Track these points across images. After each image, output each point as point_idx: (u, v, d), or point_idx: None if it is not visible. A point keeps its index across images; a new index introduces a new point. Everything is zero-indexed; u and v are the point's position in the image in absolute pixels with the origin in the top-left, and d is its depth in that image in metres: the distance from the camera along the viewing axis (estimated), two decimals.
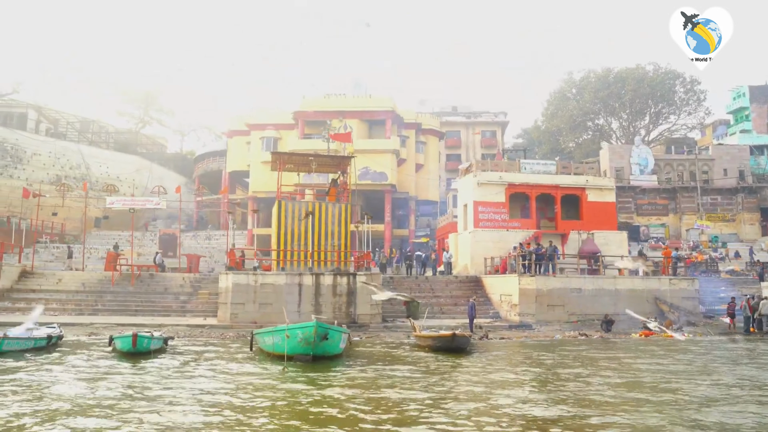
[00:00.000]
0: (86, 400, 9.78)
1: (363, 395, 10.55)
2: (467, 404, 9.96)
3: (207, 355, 15.82)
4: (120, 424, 8.19)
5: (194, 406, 9.44)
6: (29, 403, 9.41)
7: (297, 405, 9.83)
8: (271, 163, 26.73)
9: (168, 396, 10.19)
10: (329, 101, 45.21)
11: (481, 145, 61.01)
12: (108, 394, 10.17)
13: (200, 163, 54.74)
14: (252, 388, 11.14)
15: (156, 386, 11.04)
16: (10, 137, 47.46)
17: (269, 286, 22.96)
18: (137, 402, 9.67)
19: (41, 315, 23.67)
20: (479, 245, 30.85)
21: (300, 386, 11.54)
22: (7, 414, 8.69)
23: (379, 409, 9.51)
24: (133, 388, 10.82)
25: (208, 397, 10.16)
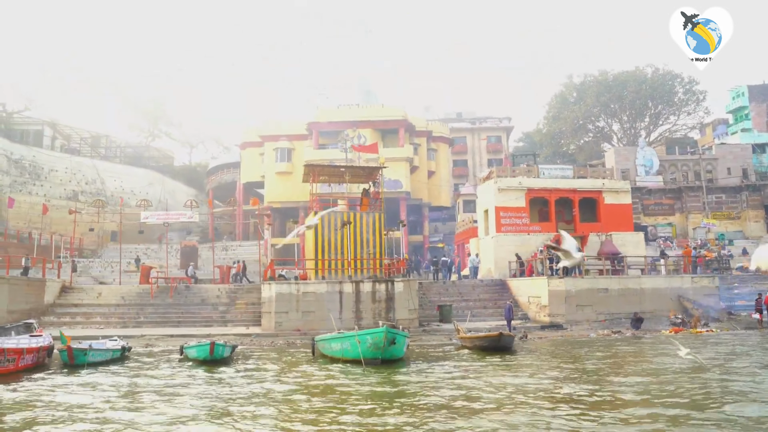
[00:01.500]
0: (225, 402, 10.57)
1: (454, 388, 11.38)
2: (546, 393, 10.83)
3: (278, 361, 16.59)
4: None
5: (324, 404, 10.24)
6: (186, 406, 10.20)
7: (410, 398, 10.63)
8: (303, 175, 27.51)
9: (297, 398, 11.01)
10: (343, 112, 46.13)
11: (486, 151, 62.00)
12: (240, 393, 11.00)
13: (213, 176, 55.50)
14: (352, 390, 11.93)
15: (265, 389, 11.86)
16: (27, 154, 48.15)
17: (311, 294, 23.77)
18: (277, 403, 10.48)
19: (87, 328, 24.56)
20: (502, 249, 31.75)
21: (395, 384, 12.37)
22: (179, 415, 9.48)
23: (473, 398, 10.34)
24: (254, 390, 11.64)
25: (331, 396, 10.99)
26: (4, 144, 46.51)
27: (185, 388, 12.15)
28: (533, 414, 9.35)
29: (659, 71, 64.91)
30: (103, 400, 10.81)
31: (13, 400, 10.79)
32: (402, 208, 43.88)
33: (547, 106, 70.96)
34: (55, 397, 11.18)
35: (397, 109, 45.96)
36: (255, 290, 28.74)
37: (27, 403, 10.56)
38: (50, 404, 10.45)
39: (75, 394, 11.53)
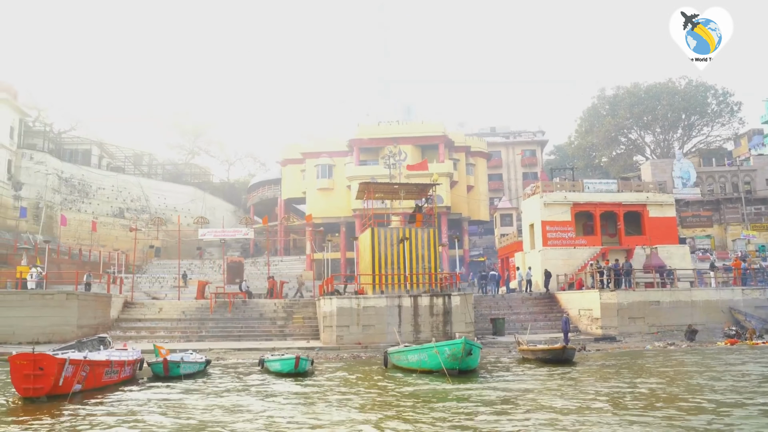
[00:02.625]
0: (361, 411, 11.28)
1: (546, 397, 11.97)
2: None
3: (355, 373, 17.28)
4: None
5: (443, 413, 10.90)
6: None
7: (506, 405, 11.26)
8: (358, 192, 28.29)
9: (409, 404, 11.69)
10: (383, 128, 47.02)
11: (521, 165, 62.46)
12: (359, 401, 11.73)
13: (254, 192, 56.68)
14: (450, 398, 12.59)
15: (373, 396, 12.56)
16: (77, 173, 49.65)
17: (371, 308, 24.46)
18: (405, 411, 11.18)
19: (153, 342, 25.39)
20: (549, 263, 32.23)
21: (485, 393, 12.98)
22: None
23: (567, 406, 10.93)
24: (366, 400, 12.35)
25: (444, 404, 11.67)
26: (55, 163, 48.01)
27: (318, 396, 12.93)
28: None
29: (692, 83, 64.96)
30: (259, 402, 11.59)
31: (169, 403, 11.60)
32: (443, 222, 44.51)
33: (579, 119, 71.21)
34: (204, 400, 12.10)
35: (436, 125, 46.74)
36: (310, 305, 29.57)
37: (182, 406, 11.47)
38: (208, 407, 11.25)
39: (222, 397, 12.57)
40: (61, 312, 25.99)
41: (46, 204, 46.64)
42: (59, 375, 12.06)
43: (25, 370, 11.83)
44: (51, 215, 47.18)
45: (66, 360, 12.22)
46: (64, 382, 12.23)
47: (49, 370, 11.94)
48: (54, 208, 47.53)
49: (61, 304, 26.14)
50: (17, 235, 43.77)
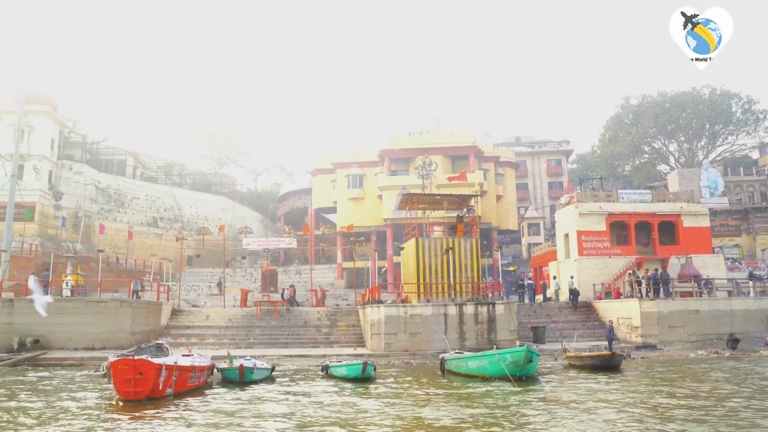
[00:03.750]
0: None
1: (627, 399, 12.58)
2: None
3: (414, 379, 17.92)
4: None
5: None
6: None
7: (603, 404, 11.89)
8: (401, 203, 28.99)
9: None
10: (413, 139, 47.74)
11: (546, 174, 62.94)
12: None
13: (284, 202, 57.55)
14: (530, 401, 13.24)
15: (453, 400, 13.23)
16: (113, 183, 50.76)
17: (418, 317, 25.10)
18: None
19: (203, 349, 26.15)
20: (585, 272, 32.76)
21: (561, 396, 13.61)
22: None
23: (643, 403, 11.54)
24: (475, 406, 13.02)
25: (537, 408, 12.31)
26: (93, 174, 49.13)
27: (407, 399, 13.65)
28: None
29: (716, 91, 65.20)
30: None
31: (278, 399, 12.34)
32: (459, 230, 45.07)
33: (603, 128, 71.59)
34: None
35: (466, 136, 47.41)
36: (353, 313, 30.25)
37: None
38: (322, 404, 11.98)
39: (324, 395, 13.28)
40: (115, 319, 26.84)
41: (84, 213, 47.71)
42: (157, 379, 12.84)
43: (126, 374, 12.60)
44: (89, 224, 48.25)
45: (162, 365, 12.99)
46: (162, 386, 13.00)
47: (148, 374, 12.71)
48: (91, 217, 48.62)
49: (115, 312, 27.01)
50: (58, 244, 44.84)
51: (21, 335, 25.65)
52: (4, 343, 25.49)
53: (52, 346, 25.84)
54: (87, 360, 23.51)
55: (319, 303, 32.92)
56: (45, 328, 26.04)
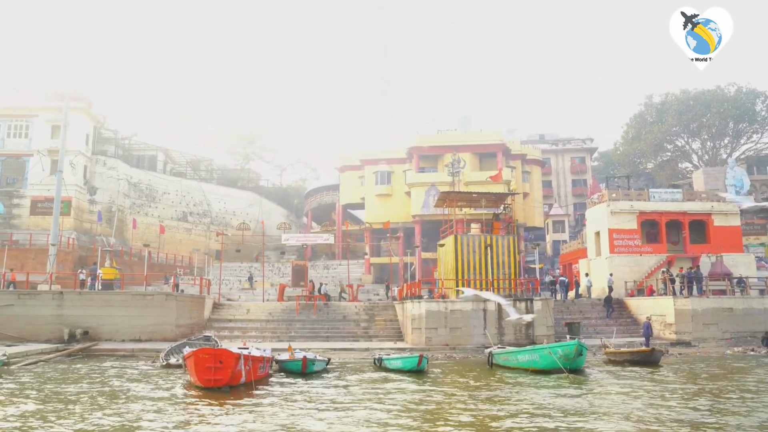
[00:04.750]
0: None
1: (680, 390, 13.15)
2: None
3: (463, 371, 18.54)
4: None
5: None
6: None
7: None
8: (438, 200, 29.58)
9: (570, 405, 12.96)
10: (442, 137, 48.32)
11: (570, 172, 63.25)
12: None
13: (312, 197, 58.27)
14: (597, 392, 13.84)
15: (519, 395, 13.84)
16: (144, 178, 51.68)
17: (458, 312, 25.68)
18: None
19: (246, 342, 26.84)
20: (616, 270, 33.21)
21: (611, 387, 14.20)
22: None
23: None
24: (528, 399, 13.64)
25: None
26: (125, 169, 50.09)
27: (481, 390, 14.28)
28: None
29: (742, 90, 65.17)
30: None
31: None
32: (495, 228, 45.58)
33: (625, 126, 71.72)
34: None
35: (494, 133, 47.90)
36: (390, 308, 30.88)
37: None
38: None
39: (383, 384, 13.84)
40: (160, 312, 27.60)
41: (117, 208, 48.66)
42: (235, 368, 13.52)
43: (207, 363, 13.30)
44: (122, 218, 49.20)
45: (240, 355, 13.67)
46: (237, 375, 13.69)
47: (228, 363, 13.41)
48: (124, 211, 49.57)
49: (161, 305, 27.77)
50: (92, 238, 45.81)
51: (71, 327, 26.40)
52: (55, 334, 26.28)
53: (100, 338, 26.61)
54: (138, 351, 24.21)
55: (355, 298, 33.57)
56: (93, 320, 26.90)
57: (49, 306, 27.21)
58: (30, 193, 45.50)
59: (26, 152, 46.13)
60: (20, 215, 45.32)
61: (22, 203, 45.49)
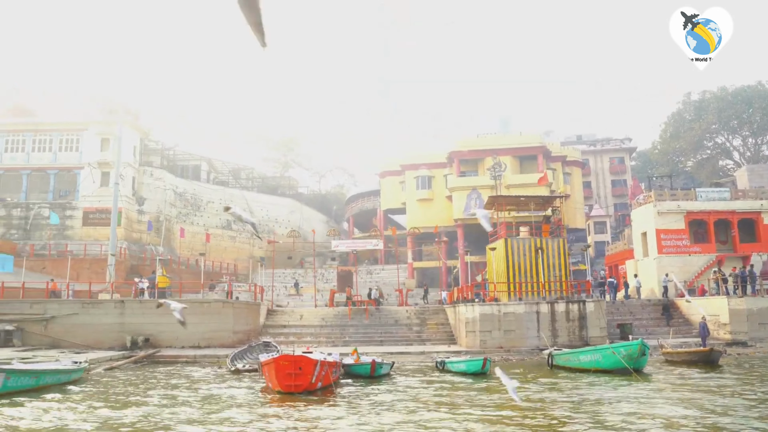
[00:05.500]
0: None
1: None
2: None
3: (526, 373, 18.86)
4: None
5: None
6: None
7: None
8: (486, 204, 29.90)
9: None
10: (482, 141, 48.60)
11: (610, 172, 63.00)
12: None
13: (353, 204, 58.94)
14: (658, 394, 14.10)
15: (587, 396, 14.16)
16: (189, 188, 52.81)
17: (511, 314, 25.99)
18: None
19: (302, 347, 27.40)
20: (664, 270, 33.16)
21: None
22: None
23: None
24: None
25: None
26: (171, 179, 51.28)
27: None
28: None
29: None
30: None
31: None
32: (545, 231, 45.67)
33: (663, 124, 71.17)
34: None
35: (534, 136, 48.04)
36: (440, 311, 31.29)
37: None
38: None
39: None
40: (218, 319, 28.34)
41: (164, 217, 49.83)
42: (313, 374, 14.04)
43: (287, 369, 13.85)
44: (169, 228, 50.35)
45: (318, 361, 14.20)
46: (315, 380, 14.21)
47: (307, 369, 13.94)
48: (171, 221, 50.72)
49: (218, 312, 28.52)
50: (142, 247, 47.00)
51: (132, 334, 27.27)
52: (118, 341, 27.17)
53: (160, 345, 27.40)
54: (200, 357, 24.93)
55: (404, 302, 34.03)
56: (154, 328, 27.70)
57: (111, 314, 28.16)
58: (82, 205, 46.83)
59: (77, 165, 47.51)
60: (73, 226, 46.68)
61: (75, 214, 46.84)
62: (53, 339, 27.56)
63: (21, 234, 46.13)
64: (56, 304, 29.12)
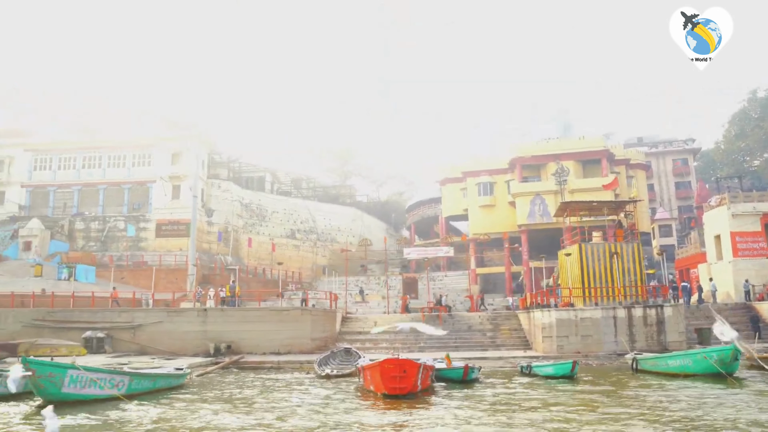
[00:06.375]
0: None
1: None
2: None
3: (606, 377, 19.01)
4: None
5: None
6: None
7: None
8: (558, 210, 30.05)
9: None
10: (543, 146, 48.58)
11: (673, 174, 62.06)
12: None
13: (414, 211, 59.53)
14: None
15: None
16: (254, 199, 54.21)
17: (588, 320, 26.07)
18: None
19: (378, 353, 27.95)
20: (741, 273, 32.68)
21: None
22: None
23: None
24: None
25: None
26: (237, 191, 52.78)
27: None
28: None
29: None
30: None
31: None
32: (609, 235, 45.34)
33: (727, 124, 69.63)
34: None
35: (597, 140, 47.83)
36: (513, 317, 31.53)
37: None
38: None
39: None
40: (296, 326, 29.14)
41: (232, 228, 51.29)
42: (417, 377, 14.57)
43: (392, 372, 14.39)
44: (236, 238, 51.78)
45: (421, 365, 14.72)
46: (417, 383, 14.74)
47: (411, 372, 14.47)
48: (238, 231, 52.16)
49: (296, 319, 29.36)
50: (211, 257, 48.46)
51: (215, 341, 28.27)
52: (201, 348, 28.23)
53: (242, 351, 28.32)
54: (283, 363, 25.68)
55: (475, 308, 34.34)
56: (235, 335, 28.71)
57: (194, 322, 29.29)
58: (155, 217, 48.66)
59: (149, 179, 49.42)
60: (147, 238, 48.52)
61: (148, 226, 48.68)
62: (140, 346, 28.81)
63: (99, 246, 48.17)
64: (143, 312, 30.49)
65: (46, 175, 51.79)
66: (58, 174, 51.59)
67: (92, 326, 29.18)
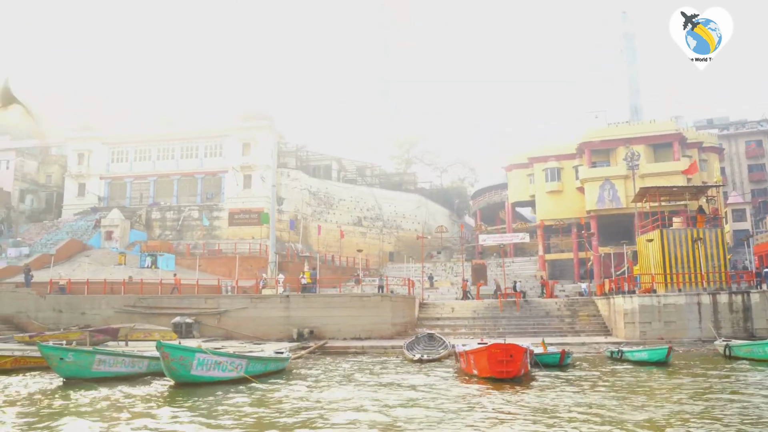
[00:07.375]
0: None
1: None
2: None
3: (700, 364, 19.07)
4: None
5: None
6: None
7: None
8: (637, 195, 29.91)
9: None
10: (612, 130, 47.96)
11: (746, 157, 60.55)
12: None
13: (479, 198, 59.69)
14: None
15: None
16: (322, 187, 55.21)
17: (671, 306, 26.00)
18: None
19: (458, 338, 28.43)
20: None
21: None
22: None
23: None
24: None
25: None
26: (305, 179, 53.86)
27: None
28: None
29: None
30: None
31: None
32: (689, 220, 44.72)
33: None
34: None
35: (668, 123, 47.02)
36: (590, 303, 31.58)
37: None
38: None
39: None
40: (376, 312, 29.85)
41: (301, 216, 52.41)
42: (522, 361, 15.02)
43: (499, 356, 14.88)
44: (305, 225, 52.90)
45: (527, 349, 15.17)
46: (522, 367, 15.20)
47: (517, 356, 14.93)
48: (307, 219, 53.26)
49: (377, 305, 30.06)
50: (282, 245, 49.63)
51: (298, 327, 29.13)
52: (285, 333, 29.18)
53: (324, 336, 29.15)
54: (367, 348, 26.41)
55: (550, 294, 34.48)
56: (317, 320, 29.56)
57: (277, 308, 30.27)
58: (227, 206, 50.11)
59: (221, 169, 50.89)
60: (220, 226, 50.04)
61: (221, 215, 50.19)
62: (226, 331, 29.95)
63: (174, 235, 49.92)
64: (228, 299, 31.71)
65: (123, 167, 53.87)
66: (135, 165, 53.57)
67: (180, 312, 30.38)
